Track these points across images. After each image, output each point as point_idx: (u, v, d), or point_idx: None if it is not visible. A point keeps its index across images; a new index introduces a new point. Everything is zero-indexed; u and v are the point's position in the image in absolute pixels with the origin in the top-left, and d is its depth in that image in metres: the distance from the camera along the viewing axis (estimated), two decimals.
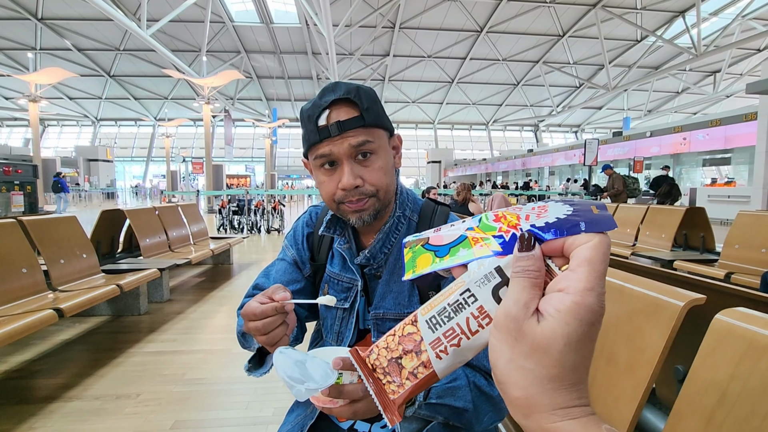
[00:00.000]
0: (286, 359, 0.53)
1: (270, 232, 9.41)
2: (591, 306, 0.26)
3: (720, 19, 19.45)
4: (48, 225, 3.00)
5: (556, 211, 0.31)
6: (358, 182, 0.74)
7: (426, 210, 0.88)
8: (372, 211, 0.77)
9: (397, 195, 0.86)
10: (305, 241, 0.94)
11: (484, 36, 22.65)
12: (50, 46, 23.21)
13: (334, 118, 0.72)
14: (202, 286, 4.55)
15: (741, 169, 14.52)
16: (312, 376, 0.51)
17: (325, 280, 0.91)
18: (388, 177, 0.77)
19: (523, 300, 0.28)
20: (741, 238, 3.33)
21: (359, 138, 0.72)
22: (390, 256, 0.84)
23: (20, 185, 7.62)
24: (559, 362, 0.26)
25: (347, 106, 0.73)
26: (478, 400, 0.72)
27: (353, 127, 0.72)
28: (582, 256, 0.27)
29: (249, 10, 20.86)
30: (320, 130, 0.73)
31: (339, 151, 0.73)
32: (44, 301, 2.54)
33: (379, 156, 0.76)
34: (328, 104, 0.72)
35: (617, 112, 32.22)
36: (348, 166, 0.73)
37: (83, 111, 31.94)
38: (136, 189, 29.51)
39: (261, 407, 2.09)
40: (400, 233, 0.84)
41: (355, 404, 0.54)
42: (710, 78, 26.01)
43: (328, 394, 0.52)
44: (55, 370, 2.49)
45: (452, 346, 0.33)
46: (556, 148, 22.63)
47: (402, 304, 0.83)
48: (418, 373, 0.34)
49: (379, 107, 0.77)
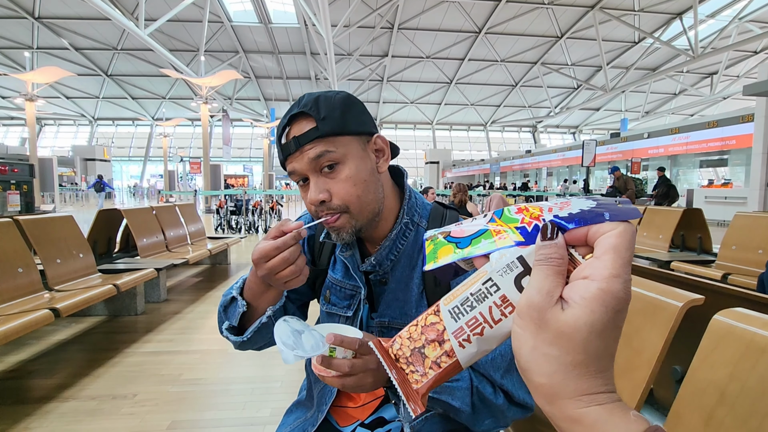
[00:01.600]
0: (286, 326, 0.57)
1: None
2: (617, 293, 0.26)
3: (717, 21, 19.54)
4: (44, 224, 2.99)
5: (579, 204, 0.31)
6: (322, 197, 0.70)
7: (435, 215, 0.86)
8: (349, 229, 0.73)
9: (405, 200, 0.83)
10: (305, 245, 0.92)
11: (482, 37, 22.68)
12: (47, 45, 23.11)
13: (292, 134, 0.71)
14: (200, 287, 4.53)
15: (738, 170, 14.58)
16: (303, 345, 0.56)
17: (326, 286, 0.89)
18: (359, 188, 0.72)
19: (546, 288, 0.28)
20: (738, 240, 3.35)
21: (318, 149, 0.69)
22: (397, 263, 0.81)
23: (17, 184, 7.58)
24: (583, 349, 0.26)
25: (304, 119, 0.70)
26: (480, 405, 0.72)
27: (309, 140, 0.69)
28: (607, 244, 0.27)
29: (247, 10, 20.83)
30: (282, 148, 0.72)
31: (301, 167, 0.71)
32: (40, 300, 2.53)
33: (346, 165, 0.71)
34: (287, 121, 0.71)
35: (615, 114, 32.31)
36: (313, 180, 0.71)
37: (80, 110, 31.82)
38: (134, 189, 29.44)
39: (258, 408, 2.09)
40: (408, 240, 0.82)
41: (344, 378, 0.59)
42: (707, 80, 26.12)
43: (321, 363, 0.57)
44: (51, 370, 2.48)
45: (475, 335, 0.33)
46: (554, 149, 22.71)
47: (408, 314, 0.80)
48: (441, 363, 0.34)
49: (345, 113, 0.72)
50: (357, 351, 0.59)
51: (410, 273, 0.81)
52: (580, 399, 0.26)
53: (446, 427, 0.78)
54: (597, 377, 0.26)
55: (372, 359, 0.61)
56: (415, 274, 0.81)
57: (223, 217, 9.16)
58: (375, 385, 0.62)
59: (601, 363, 0.26)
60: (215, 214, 9.39)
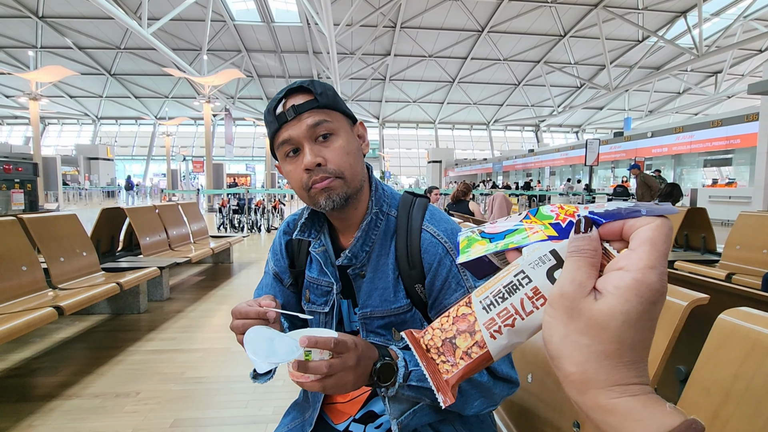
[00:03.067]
0: (256, 335, 0.58)
1: (270, 231, 9.41)
2: (652, 284, 0.25)
3: (722, 19, 19.41)
4: (48, 223, 3.00)
5: (616, 203, 0.31)
6: (319, 160, 0.74)
7: (404, 204, 0.87)
8: (341, 192, 0.76)
9: (372, 191, 0.84)
10: (284, 250, 0.93)
11: (485, 36, 22.61)
12: (51, 44, 23.19)
13: (290, 104, 0.75)
14: (202, 285, 4.54)
15: (742, 170, 14.49)
16: (276, 351, 0.55)
17: (305, 286, 0.90)
18: (351, 158, 0.77)
19: (579, 279, 0.27)
20: (742, 239, 3.32)
21: (315, 118, 0.74)
22: (372, 253, 0.83)
23: (20, 183, 7.61)
24: (617, 339, 0.25)
25: (302, 93, 0.76)
26: (466, 386, 0.72)
27: (308, 109, 0.74)
28: (643, 236, 0.26)
29: (250, 9, 20.83)
30: (278, 116, 0.75)
31: (298, 134, 0.74)
32: (44, 299, 2.54)
33: (339, 136, 0.77)
34: (283, 94, 0.76)
35: (618, 113, 32.16)
36: (308, 146, 0.75)
37: (84, 109, 31.92)
38: (137, 188, 29.54)
39: (260, 406, 2.09)
40: (380, 230, 0.83)
41: (324, 380, 0.59)
42: (712, 78, 25.95)
43: (297, 368, 0.56)
44: (55, 368, 2.49)
45: (506, 326, 0.33)
46: (557, 148, 22.63)
47: (388, 300, 0.82)
48: (472, 353, 0.34)
49: (336, 96, 0.79)
50: (333, 350, 0.59)
51: (385, 261, 0.82)
52: (612, 389, 0.25)
53: (435, 418, 0.79)
54: (630, 368, 0.26)
55: (350, 356, 0.61)
56: (389, 261, 0.82)
57: (226, 215, 9.18)
58: (356, 383, 0.62)
59: (635, 354, 0.26)
60: (218, 212, 9.41)
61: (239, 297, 4.06)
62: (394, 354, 0.70)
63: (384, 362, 0.67)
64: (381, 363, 0.66)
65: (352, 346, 0.62)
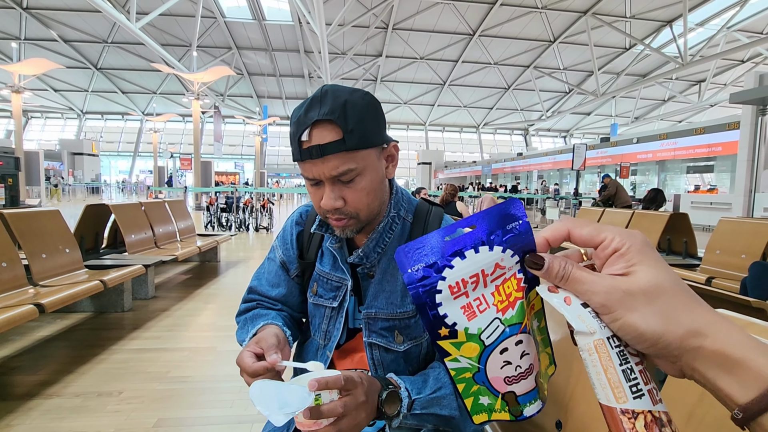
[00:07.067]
0: (262, 391, 0.54)
1: (258, 231, 9.33)
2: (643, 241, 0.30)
3: (706, 29, 19.88)
4: (29, 219, 2.93)
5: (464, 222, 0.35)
6: (338, 204, 0.72)
7: (420, 210, 0.88)
8: (354, 228, 0.77)
9: (392, 195, 0.85)
10: (295, 240, 0.93)
11: (476, 39, 22.79)
12: (35, 36, 22.69)
13: (315, 139, 0.68)
14: (188, 284, 4.49)
15: (723, 177, 14.84)
16: (288, 401, 0.52)
17: (314, 278, 0.90)
18: (371, 197, 0.75)
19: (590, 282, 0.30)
20: (722, 244, 3.41)
21: (340, 168, 0.69)
22: (383, 255, 0.84)
23: (1, 177, 7.43)
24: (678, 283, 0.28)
25: (330, 126, 0.68)
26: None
27: (334, 152, 0.68)
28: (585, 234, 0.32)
29: (241, 6, 20.66)
30: (302, 150, 0.70)
31: (320, 174, 0.71)
32: (24, 296, 2.48)
33: (363, 177, 0.73)
34: (310, 124, 0.68)
35: (605, 118, 32.70)
36: (329, 187, 0.72)
37: (68, 103, 31.28)
38: (123, 185, 29.00)
39: (246, 405, 2.08)
40: (394, 233, 0.84)
41: (339, 422, 0.56)
42: (695, 87, 26.55)
43: (309, 416, 0.53)
44: (35, 366, 2.44)
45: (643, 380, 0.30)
46: (545, 152, 22.89)
47: (394, 304, 0.82)
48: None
49: (369, 123, 0.71)
50: (344, 387, 0.57)
51: (396, 265, 0.82)
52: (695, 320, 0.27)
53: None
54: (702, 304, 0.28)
55: (359, 392, 0.59)
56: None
57: (214, 214, 9.08)
58: (369, 417, 0.62)
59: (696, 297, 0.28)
60: (205, 211, 9.30)
61: (226, 296, 4.02)
62: (395, 383, 0.70)
63: (389, 390, 0.67)
64: (387, 392, 0.66)
65: (359, 381, 0.61)
